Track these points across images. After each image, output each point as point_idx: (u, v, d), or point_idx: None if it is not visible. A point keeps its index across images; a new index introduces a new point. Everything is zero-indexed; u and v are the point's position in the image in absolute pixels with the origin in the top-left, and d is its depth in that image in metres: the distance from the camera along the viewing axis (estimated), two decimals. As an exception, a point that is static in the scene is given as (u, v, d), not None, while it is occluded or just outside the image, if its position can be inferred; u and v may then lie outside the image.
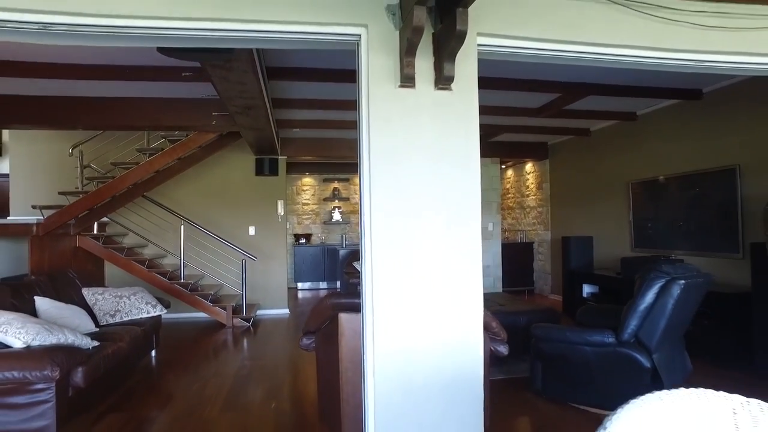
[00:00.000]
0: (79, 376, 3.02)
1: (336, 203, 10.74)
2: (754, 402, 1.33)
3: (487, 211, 8.17)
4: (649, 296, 3.07)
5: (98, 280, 6.35)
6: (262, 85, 4.02)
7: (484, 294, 6.43)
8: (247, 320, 6.55)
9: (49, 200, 5.96)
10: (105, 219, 6.59)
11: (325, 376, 2.92)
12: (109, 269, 6.66)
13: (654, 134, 6.02)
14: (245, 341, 5.89)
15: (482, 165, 7.84)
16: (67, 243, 5.90)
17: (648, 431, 1.14)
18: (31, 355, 2.82)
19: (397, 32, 2.09)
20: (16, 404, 2.75)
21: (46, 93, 4.89)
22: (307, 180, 10.74)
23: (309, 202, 10.79)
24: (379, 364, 2.08)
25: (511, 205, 9.98)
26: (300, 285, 10.08)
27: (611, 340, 3.11)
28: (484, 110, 5.69)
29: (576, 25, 2.28)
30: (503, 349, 2.87)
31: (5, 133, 7.78)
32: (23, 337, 2.89)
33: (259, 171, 7.27)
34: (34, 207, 5.55)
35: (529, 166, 9.14)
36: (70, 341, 3.12)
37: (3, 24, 1.83)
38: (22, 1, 1.82)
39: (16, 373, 2.71)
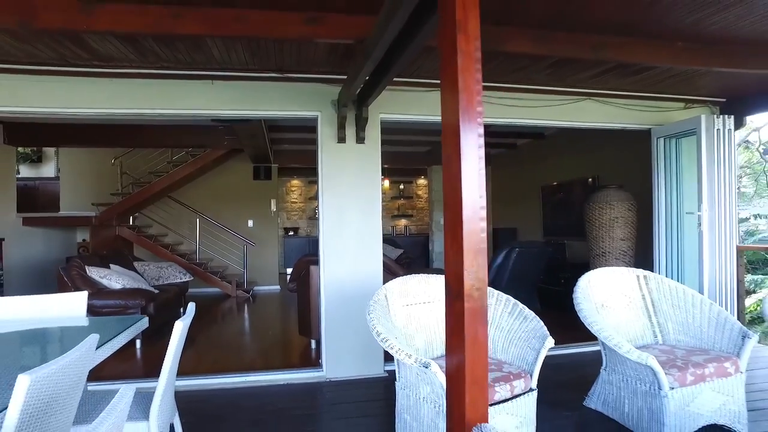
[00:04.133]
0: (151, 307, 4.94)
1: (320, 201, 12.64)
2: (496, 292, 3.28)
3: (438, 208, 10.16)
4: (499, 258, 5.07)
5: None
6: (262, 120, 5.95)
7: (432, 269, 9.01)
8: (248, 292, 8.47)
9: (89, 199, 7.81)
10: (135, 213, 8.47)
11: (302, 306, 4.86)
12: (138, 251, 8.52)
13: (555, 150, 8.04)
14: (247, 306, 7.82)
15: (434, 171, 10.02)
16: (110, 231, 7.77)
17: (403, 288, 3.09)
18: (127, 291, 4.76)
19: (336, 115, 4.04)
20: (119, 320, 4.66)
21: (94, 121, 6.70)
22: (295, 182, 12.66)
23: (297, 200, 12.71)
24: (327, 287, 4.04)
25: (465, 203, 11.99)
26: (289, 270, 11.97)
27: (477, 285, 5.10)
28: (429, 132, 7.69)
29: (434, 106, 4.24)
30: (408, 289, 4.83)
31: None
32: (120, 282, 4.82)
33: (256, 176, 9.21)
34: (93, 204, 7.44)
35: (477, 172, 11.14)
36: (144, 287, 5.05)
37: (119, 115, 3.78)
38: (130, 103, 3.75)
39: (120, 302, 4.64)
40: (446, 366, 1.66)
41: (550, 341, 2.72)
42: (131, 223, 8.32)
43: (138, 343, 4.78)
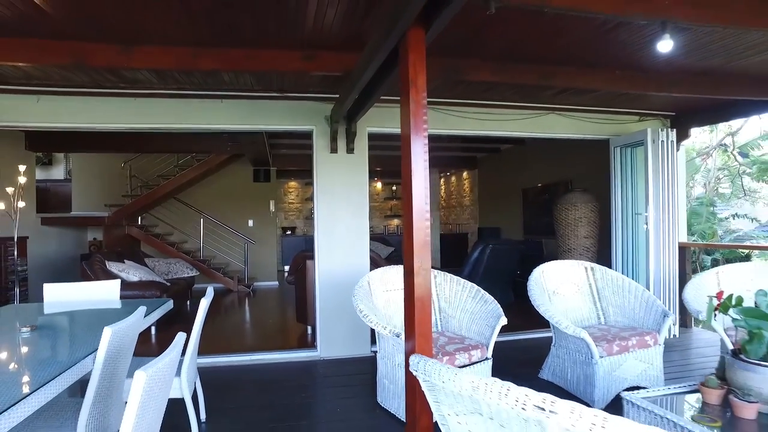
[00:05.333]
0: (165, 298, 5.51)
1: (316, 202, 13.23)
2: (446, 274, 3.90)
3: (428, 208, 10.76)
4: (475, 254, 5.67)
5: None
6: (263, 130, 6.54)
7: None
8: (248, 287, 9.06)
9: (99, 200, 8.38)
10: (143, 214, 9.05)
11: (300, 296, 5.46)
12: (145, 249, 9.08)
13: (535, 156, 8.65)
14: (248, 299, 8.41)
15: (419, 175, 10.43)
16: (120, 231, 8.35)
17: (383, 276, 3.69)
18: (143, 283, 5.34)
19: (329, 128, 4.64)
20: (137, 309, 5.25)
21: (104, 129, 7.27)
22: (293, 184, 13.24)
23: (294, 201, 13.29)
24: (321, 278, 4.64)
25: (454, 204, 12.62)
26: (286, 267, 12.56)
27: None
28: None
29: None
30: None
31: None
32: (138, 275, 5.41)
33: (256, 178, 9.80)
34: (106, 205, 8.01)
35: (465, 174, 11.77)
36: (158, 280, 5.63)
37: (141, 129, 4.36)
38: (151, 119, 4.34)
39: (138, 292, 5.22)
40: (403, 325, 2.26)
41: (503, 319, 3.33)
42: (139, 222, 8.90)
43: (153, 329, 5.37)
